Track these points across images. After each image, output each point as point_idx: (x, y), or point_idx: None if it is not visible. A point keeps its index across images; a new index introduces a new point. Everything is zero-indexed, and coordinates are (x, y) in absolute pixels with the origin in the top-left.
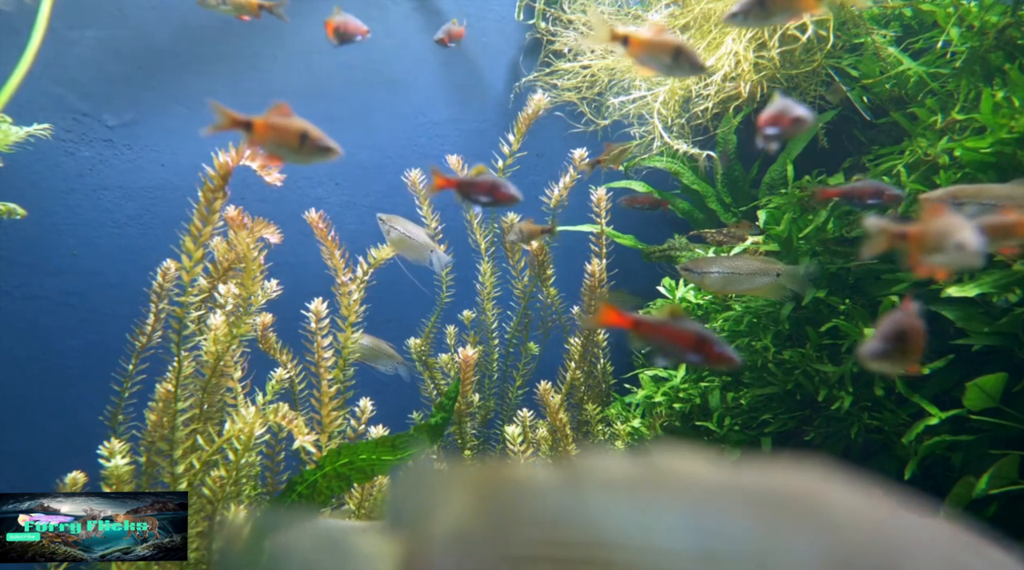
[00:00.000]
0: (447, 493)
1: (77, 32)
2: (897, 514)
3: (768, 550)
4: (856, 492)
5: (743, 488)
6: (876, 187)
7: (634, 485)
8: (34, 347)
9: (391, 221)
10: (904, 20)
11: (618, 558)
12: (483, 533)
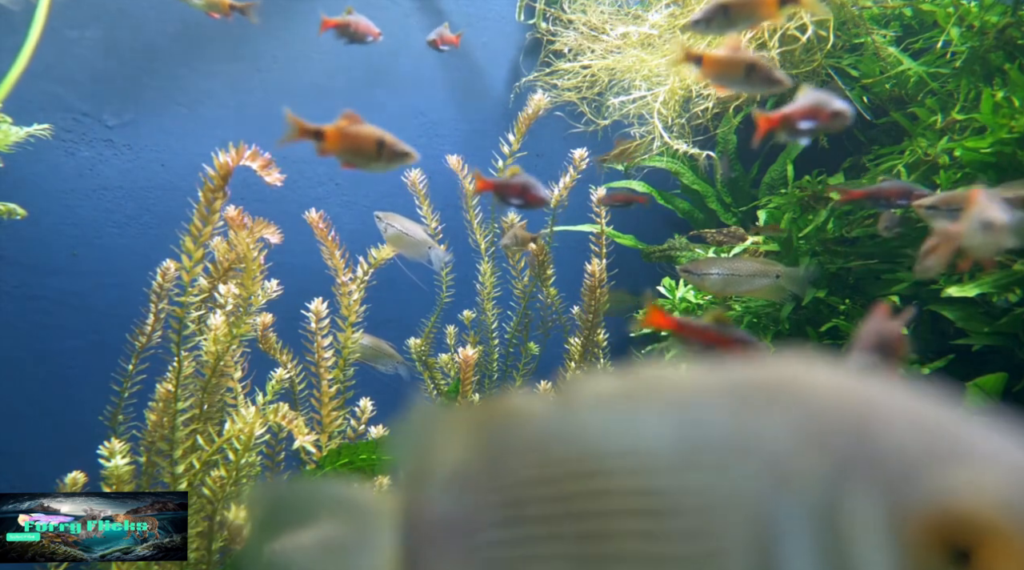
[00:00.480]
0: (444, 434)
1: (77, 32)
2: (874, 385)
3: (745, 433)
4: (834, 372)
5: (723, 382)
6: (903, 188)
7: (621, 397)
8: (34, 347)
9: (388, 218)
10: (904, 20)
11: (606, 466)
12: (478, 467)
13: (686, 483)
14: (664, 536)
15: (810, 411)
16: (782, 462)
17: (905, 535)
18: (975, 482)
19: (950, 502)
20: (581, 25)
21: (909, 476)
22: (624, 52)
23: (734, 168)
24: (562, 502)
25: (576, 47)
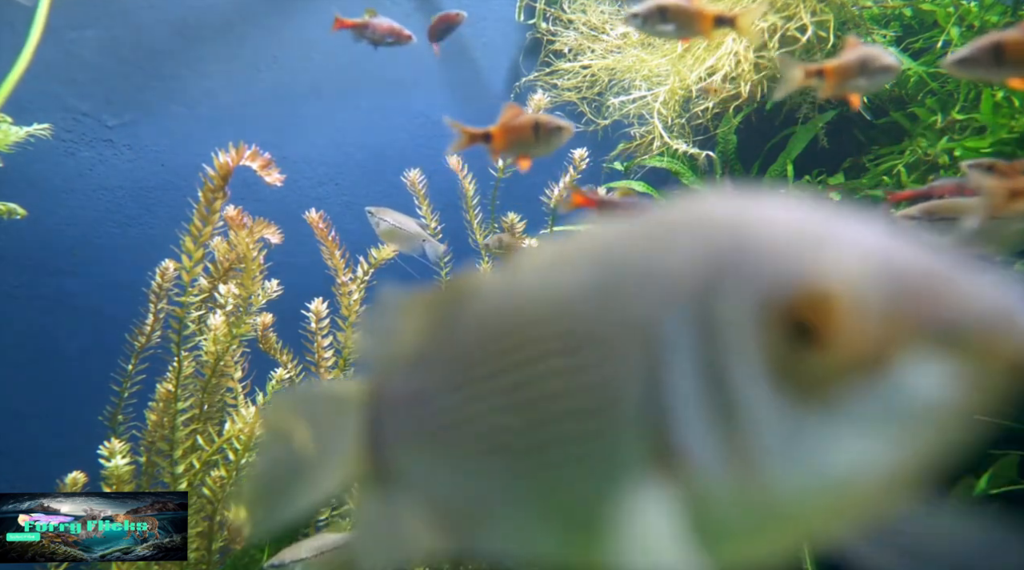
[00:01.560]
0: (405, 319)
1: (77, 32)
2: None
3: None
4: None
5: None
6: (957, 184)
7: (552, 258)
8: (34, 347)
9: (380, 213)
10: (904, 20)
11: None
12: (432, 344)
13: (596, 318)
14: (579, 369)
15: (697, 234)
16: (671, 283)
17: (766, 322)
18: (825, 264)
19: (802, 283)
20: (581, 25)
21: (774, 270)
22: (624, 52)
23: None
24: (499, 359)
25: (576, 47)
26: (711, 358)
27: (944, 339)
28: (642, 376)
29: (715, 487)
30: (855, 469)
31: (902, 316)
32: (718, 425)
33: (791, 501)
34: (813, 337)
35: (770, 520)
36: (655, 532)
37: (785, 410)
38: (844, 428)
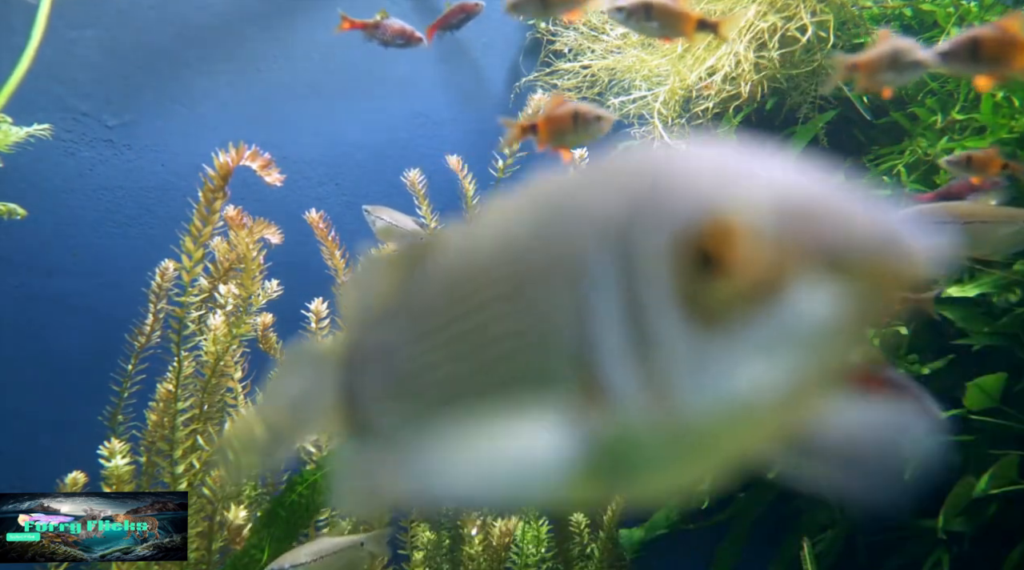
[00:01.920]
0: (378, 276)
1: (77, 32)
2: (693, 148)
3: (580, 206)
4: (676, 149)
5: (580, 175)
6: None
7: (506, 210)
8: (34, 347)
9: (376, 211)
10: (904, 20)
11: (485, 266)
12: (397, 301)
13: (531, 261)
14: (519, 312)
15: (621, 178)
16: (596, 224)
17: (675, 253)
18: (727, 198)
19: (705, 215)
20: (581, 25)
21: (682, 205)
22: (624, 52)
23: None
24: (452, 308)
25: (576, 47)
26: (630, 292)
27: (832, 263)
28: (571, 314)
29: (635, 417)
30: (757, 390)
31: (794, 243)
32: (636, 356)
33: (702, 425)
34: (717, 266)
35: (686, 445)
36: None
37: (693, 338)
38: (745, 352)
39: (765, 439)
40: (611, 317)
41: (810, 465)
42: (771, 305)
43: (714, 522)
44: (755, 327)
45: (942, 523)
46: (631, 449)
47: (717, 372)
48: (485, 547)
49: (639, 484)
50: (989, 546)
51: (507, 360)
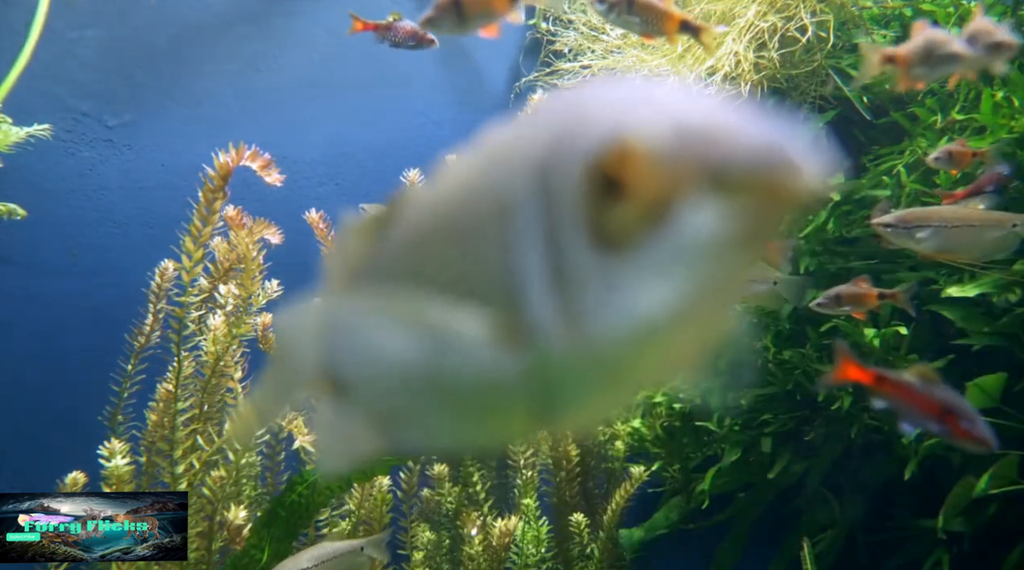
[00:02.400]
0: (354, 237)
1: (77, 32)
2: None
3: (512, 144)
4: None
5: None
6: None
7: (458, 161)
8: (34, 347)
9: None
10: (904, 20)
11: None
12: (366, 262)
13: (472, 207)
14: (463, 257)
15: (546, 116)
16: (523, 163)
17: (582, 181)
18: (628, 124)
19: (607, 140)
20: (581, 25)
21: (591, 134)
22: (624, 52)
23: None
24: (411, 261)
25: (576, 47)
26: (549, 225)
27: (717, 180)
28: (501, 253)
29: (557, 347)
30: (659, 309)
31: (684, 163)
32: (554, 286)
33: (614, 348)
34: (619, 189)
35: (603, 371)
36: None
37: (601, 263)
38: (646, 273)
39: (675, 361)
40: (533, 251)
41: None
42: (666, 225)
43: (714, 522)
44: (653, 248)
45: (942, 523)
46: (556, 377)
47: (623, 295)
48: (485, 547)
49: (568, 411)
50: (989, 546)
51: (457, 306)
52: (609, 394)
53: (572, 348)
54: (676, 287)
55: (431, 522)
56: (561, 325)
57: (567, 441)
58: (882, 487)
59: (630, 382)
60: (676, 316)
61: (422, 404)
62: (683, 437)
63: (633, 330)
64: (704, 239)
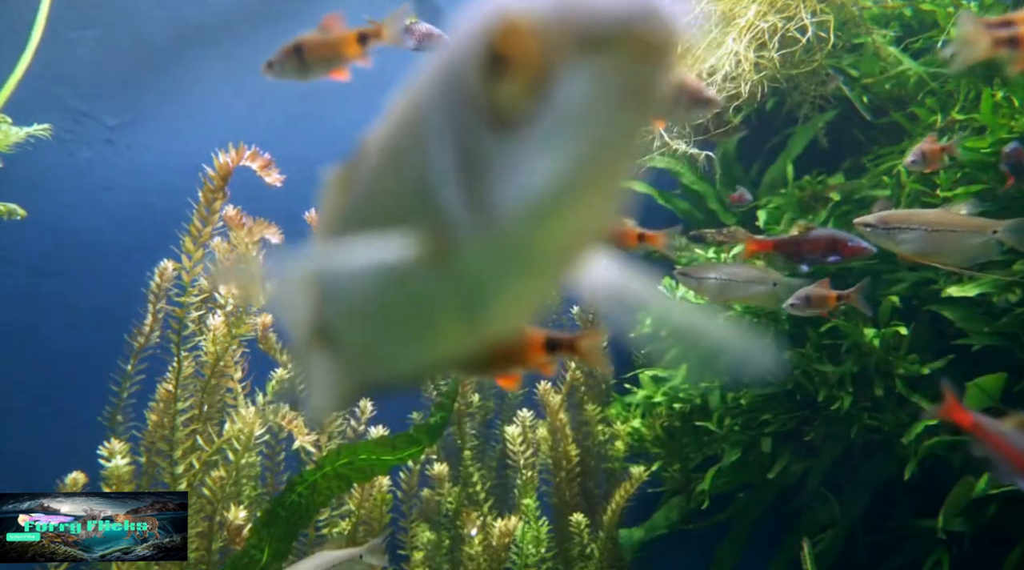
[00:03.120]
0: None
1: (77, 32)
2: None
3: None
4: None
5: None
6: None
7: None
8: (34, 347)
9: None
10: (904, 20)
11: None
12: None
13: (405, 126)
14: (399, 176)
15: (460, 21)
16: (436, 70)
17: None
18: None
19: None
20: None
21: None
22: None
23: (734, 168)
24: (369, 176)
25: None
26: (453, 122)
27: (588, 40)
28: (420, 165)
29: (472, 242)
30: (555, 182)
31: (557, 29)
32: (463, 182)
33: (521, 230)
34: (505, 66)
35: (517, 258)
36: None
37: (499, 146)
38: (539, 147)
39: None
40: (443, 151)
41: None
42: (550, 95)
43: (714, 522)
44: (542, 121)
45: (942, 523)
46: (477, 274)
47: (521, 173)
48: (485, 547)
49: (497, 311)
50: (989, 546)
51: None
52: (528, 283)
53: (485, 238)
54: (567, 156)
55: (431, 522)
56: (472, 217)
57: (567, 441)
58: (882, 487)
59: (544, 266)
60: (571, 186)
61: (381, 334)
62: (683, 437)
63: (533, 206)
64: (586, 103)
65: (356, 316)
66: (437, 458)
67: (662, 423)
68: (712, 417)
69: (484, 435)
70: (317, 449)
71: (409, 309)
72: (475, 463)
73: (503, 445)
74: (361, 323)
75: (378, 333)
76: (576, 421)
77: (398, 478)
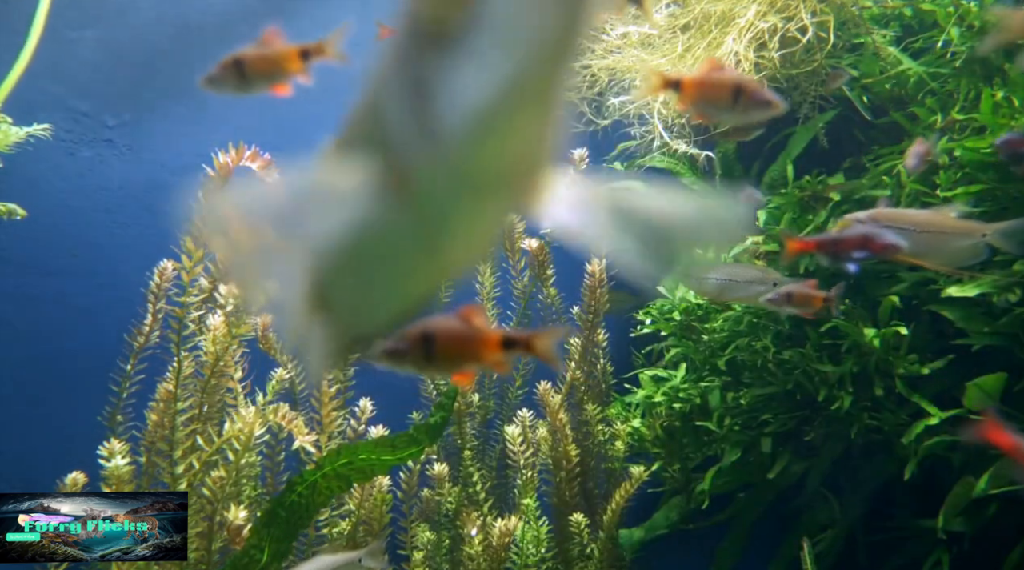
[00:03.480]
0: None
1: (77, 32)
2: None
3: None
4: None
5: None
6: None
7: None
8: (34, 347)
9: None
10: (904, 20)
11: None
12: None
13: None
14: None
15: None
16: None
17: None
18: None
19: None
20: None
21: None
22: (624, 52)
23: (734, 168)
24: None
25: None
26: (401, 45)
27: None
28: (378, 94)
29: (424, 164)
30: (492, 94)
31: None
32: (411, 105)
33: (464, 148)
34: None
35: (466, 180)
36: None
37: (438, 63)
38: (474, 60)
39: (523, 154)
40: (393, 78)
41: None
42: (476, 6)
43: (714, 522)
44: (475, 30)
45: (942, 523)
46: (432, 199)
47: (459, 89)
48: (485, 547)
49: (455, 240)
50: (989, 546)
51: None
52: (481, 205)
53: (434, 160)
54: (502, 65)
55: (431, 522)
56: (421, 140)
57: (567, 441)
58: (882, 487)
59: (495, 186)
60: (508, 97)
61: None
62: (683, 437)
63: (473, 122)
64: (515, 5)
65: (341, 269)
66: (437, 458)
67: (662, 423)
68: (712, 417)
69: (484, 435)
70: (317, 449)
71: (382, 248)
72: (475, 463)
73: (503, 445)
74: (345, 275)
75: (360, 281)
76: (576, 421)
77: (398, 478)
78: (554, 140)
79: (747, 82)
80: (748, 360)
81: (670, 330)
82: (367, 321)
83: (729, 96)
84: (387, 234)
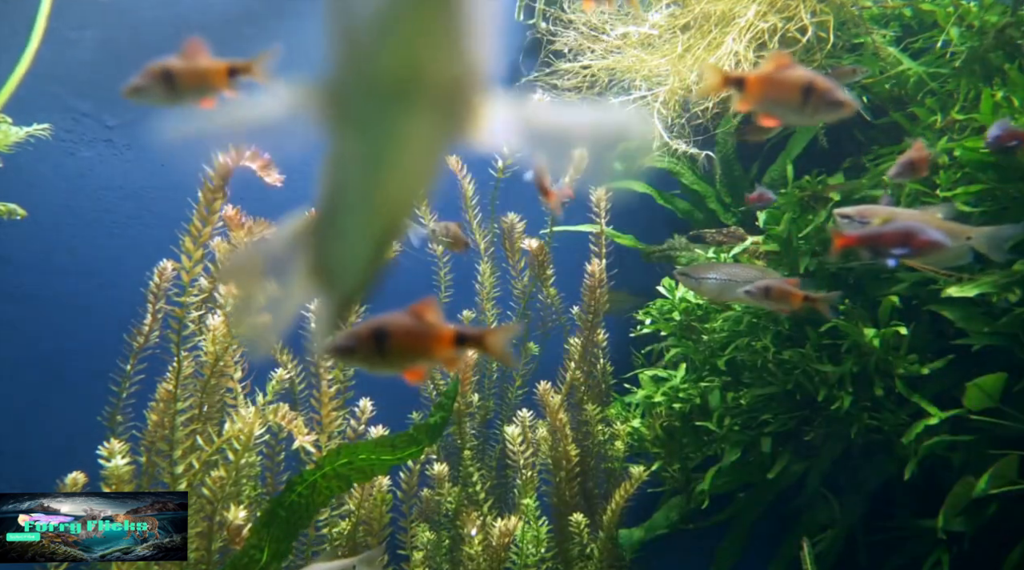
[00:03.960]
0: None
1: (77, 32)
2: None
3: None
4: None
5: None
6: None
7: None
8: (34, 347)
9: None
10: (904, 20)
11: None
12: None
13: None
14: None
15: None
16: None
17: None
18: None
19: None
20: (581, 25)
21: None
22: (624, 52)
23: (734, 168)
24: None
25: (576, 47)
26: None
27: None
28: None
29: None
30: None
31: None
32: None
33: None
34: None
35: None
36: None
37: None
38: None
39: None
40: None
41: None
42: None
43: (714, 522)
44: None
45: (942, 523)
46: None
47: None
48: (485, 547)
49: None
50: (989, 546)
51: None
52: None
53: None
54: None
55: (431, 522)
56: (336, 49)
57: (567, 441)
58: (882, 487)
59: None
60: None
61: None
62: (683, 437)
63: (370, 18)
64: None
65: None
66: (437, 458)
67: (662, 423)
68: (712, 417)
69: (484, 435)
70: (317, 449)
71: (342, 189)
72: (475, 463)
73: (503, 445)
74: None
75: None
76: (576, 421)
77: (398, 478)
78: (480, 61)
79: (818, 80)
80: (748, 360)
81: (670, 330)
82: (350, 274)
83: (799, 95)
84: (340, 169)
